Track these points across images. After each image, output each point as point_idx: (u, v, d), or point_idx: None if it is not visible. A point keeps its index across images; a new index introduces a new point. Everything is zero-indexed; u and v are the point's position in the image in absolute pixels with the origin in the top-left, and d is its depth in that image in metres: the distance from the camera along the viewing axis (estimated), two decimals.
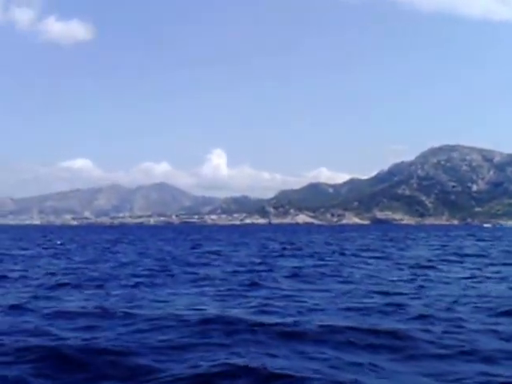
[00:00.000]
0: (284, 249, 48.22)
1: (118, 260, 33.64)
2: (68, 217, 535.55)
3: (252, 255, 39.05)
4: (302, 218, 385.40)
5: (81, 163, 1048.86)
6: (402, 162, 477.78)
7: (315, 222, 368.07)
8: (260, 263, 30.81)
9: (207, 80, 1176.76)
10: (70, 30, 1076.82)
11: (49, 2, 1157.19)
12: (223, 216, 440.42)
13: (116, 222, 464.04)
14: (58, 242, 63.52)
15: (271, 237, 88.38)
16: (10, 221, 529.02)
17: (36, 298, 16.76)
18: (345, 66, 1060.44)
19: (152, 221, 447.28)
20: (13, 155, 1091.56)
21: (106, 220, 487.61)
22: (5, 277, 22.99)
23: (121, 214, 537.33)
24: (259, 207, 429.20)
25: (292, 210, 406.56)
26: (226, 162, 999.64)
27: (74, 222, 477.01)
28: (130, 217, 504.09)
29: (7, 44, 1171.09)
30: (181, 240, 74.59)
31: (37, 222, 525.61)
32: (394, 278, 22.43)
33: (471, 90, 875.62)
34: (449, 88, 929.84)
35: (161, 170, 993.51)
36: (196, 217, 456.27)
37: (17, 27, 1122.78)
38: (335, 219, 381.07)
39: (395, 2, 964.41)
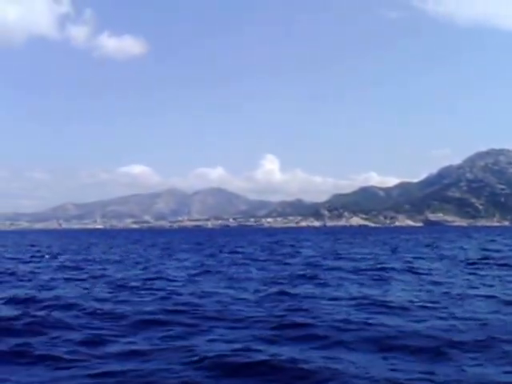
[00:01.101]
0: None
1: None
2: (129, 221, 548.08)
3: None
4: (356, 221, 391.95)
5: (139, 169, 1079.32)
6: (450, 166, 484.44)
7: (369, 224, 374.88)
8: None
9: (260, 88, 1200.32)
10: (123, 45, 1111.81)
11: (102, 18, 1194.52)
12: (279, 219, 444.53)
13: (175, 225, 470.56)
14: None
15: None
16: (74, 225, 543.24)
17: None
18: (391, 76, 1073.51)
19: (210, 224, 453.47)
20: (75, 162, 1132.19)
21: (165, 223, 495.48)
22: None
23: (179, 218, 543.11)
24: (314, 210, 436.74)
25: (346, 213, 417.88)
26: (279, 167, 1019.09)
27: (135, 226, 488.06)
28: (189, 220, 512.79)
29: (65, 60, 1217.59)
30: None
31: (99, 226, 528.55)
32: None
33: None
34: (490, 95, 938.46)
35: (216, 174, 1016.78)
36: (252, 220, 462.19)
37: (73, 44, 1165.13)
38: (388, 221, 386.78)
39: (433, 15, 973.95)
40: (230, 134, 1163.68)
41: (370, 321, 13.94)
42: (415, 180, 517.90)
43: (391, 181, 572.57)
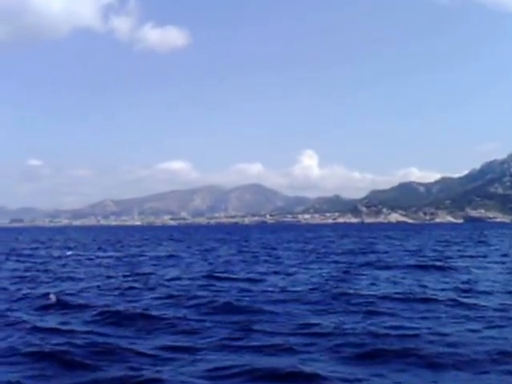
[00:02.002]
0: None
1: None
2: (166, 217, 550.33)
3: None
4: (395, 217, 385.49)
5: (178, 165, 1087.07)
6: (494, 161, 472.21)
7: (408, 220, 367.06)
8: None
9: (300, 82, 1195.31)
10: (166, 36, 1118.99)
11: (145, 9, 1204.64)
12: (316, 215, 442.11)
13: (212, 221, 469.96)
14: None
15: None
16: (112, 221, 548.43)
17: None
18: (435, 66, 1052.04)
19: (246, 220, 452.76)
20: (114, 159, 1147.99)
21: (202, 220, 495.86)
22: None
23: (216, 214, 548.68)
24: (351, 207, 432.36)
25: (384, 209, 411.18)
26: (318, 163, 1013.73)
27: (172, 223, 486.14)
28: (226, 217, 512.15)
29: (109, 52, 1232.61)
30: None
31: (138, 222, 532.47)
32: None
33: None
34: None
35: (254, 170, 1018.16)
36: (289, 216, 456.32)
37: (116, 35, 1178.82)
38: (428, 218, 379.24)
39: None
40: (268, 128, 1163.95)
41: None
42: (457, 175, 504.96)
43: (433, 176, 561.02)
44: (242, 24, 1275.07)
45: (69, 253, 46.48)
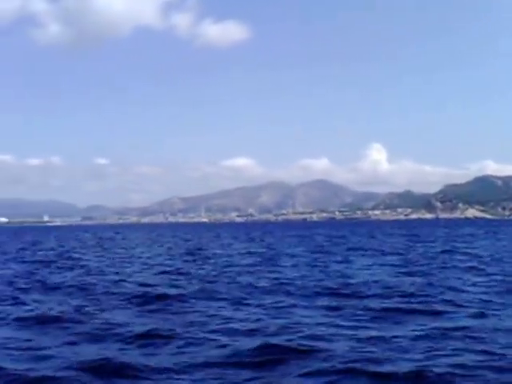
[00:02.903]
0: None
1: None
2: (233, 214, 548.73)
3: None
4: (472, 213, 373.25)
5: (243, 162, 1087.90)
6: None
7: (487, 216, 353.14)
8: None
9: (364, 73, 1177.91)
10: (226, 30, 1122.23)
11: (204, 5, 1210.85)
12: (387, 211, 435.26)
13: (279, 218, 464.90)
14: None
15: None
16: (180, 219, 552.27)
17: None
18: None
19: (315, 217, 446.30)
20: (180, 157, 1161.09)
21: (269, 216, 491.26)
22: None
23: (283, 211, 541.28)
24: (425, 202, 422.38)
25: (460, 204, 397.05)
26: (386, 157, 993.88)
27: (239, 219, 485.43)
28: (293, 213, 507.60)
29: (169, 49, 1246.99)
30: None
31: (204, 219, 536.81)
32: None
33: None
34: None
35: (320, 166, 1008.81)
36: (359, 212, 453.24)
37: (176, 32, 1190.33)
38: (507, 213, 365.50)
39: None
40: (334, 122, 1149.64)
41: None
42: None
43: (511, 169, 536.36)
44: (305, 16, 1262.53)
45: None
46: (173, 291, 19.99)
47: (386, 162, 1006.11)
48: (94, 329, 13.60)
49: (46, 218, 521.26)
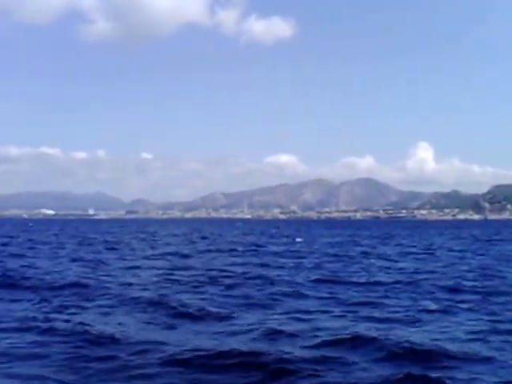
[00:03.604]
0: None
1: None
2: (276, 211, 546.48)
3: None
4: None
5: (287, 159, 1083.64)
6: None
7: None
8: None
9: (412, 71, 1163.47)
10: (271, 27, 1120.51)
11: (250, 1, 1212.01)
12: (433, 211, 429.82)
13: (322, 216, 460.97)
14: None
15: None
16: (222, 214, 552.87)
17: None
18: None
19: (359, 215, 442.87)
20: (224, 153, 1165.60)
21: (312, 214, 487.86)
22: None
23: (326, 209, 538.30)
24: (472, 202, 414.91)
25: (510, 206, 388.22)
26: (433, 156, 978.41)
27: (282, 216, 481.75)
28: (337, 211, 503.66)
29: (216, 46, 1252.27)
30: None
31: (247, 215, 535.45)
32: None
33: None
34: None
35: (365, 164, 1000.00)
36: (404, 212, 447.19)
37: (222, 29, 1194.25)
38: None
39: None
40: (379, 120, 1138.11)
41: None
42: None
43: None
44: (351, 13, 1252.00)
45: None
46: None
47: (433, 160, 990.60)
48: None
49: (91, 212, 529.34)
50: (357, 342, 11.95)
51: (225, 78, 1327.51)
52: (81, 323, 13.62)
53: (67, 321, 14.06)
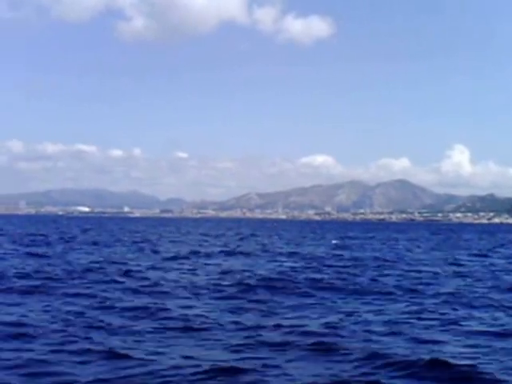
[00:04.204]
0: None
1: None
2: (311, 212, 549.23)
3: None
4: None
5: (321, 159, 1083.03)
6: None
7: None
8: None
9: (448, 72, 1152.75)
10: (309, 26, 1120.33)
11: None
12: (469, 214, 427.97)
13: (357, 217, 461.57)
14: None
15: None
16: (258, 214, 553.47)
17: None
18: None
19: (393, 218, 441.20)
20: (259, 153, 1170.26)
21: (347, 216, 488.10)
22: None
23: (361, 210, 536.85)
24: (509, 206, 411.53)
25: None
26: (469, 158, 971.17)
27: (317, 217, 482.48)
28: (371, 213, 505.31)
29: (253, 44, 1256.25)
30: None
31: (282, 216, 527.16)
32: None
33: None
34: None
35: (400, 165, 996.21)
36: (440, 215, 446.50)
37: (260, 27, 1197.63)
38: None
39: None
40: (415, 122, 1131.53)
41: None
42: None
43: None
44: (389, 13, 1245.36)
45: None
46: None
47: (469, 163, 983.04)
48: None
49: (126, 209, 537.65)
50: None
51: (261, 76, 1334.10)
52: None
53: None
